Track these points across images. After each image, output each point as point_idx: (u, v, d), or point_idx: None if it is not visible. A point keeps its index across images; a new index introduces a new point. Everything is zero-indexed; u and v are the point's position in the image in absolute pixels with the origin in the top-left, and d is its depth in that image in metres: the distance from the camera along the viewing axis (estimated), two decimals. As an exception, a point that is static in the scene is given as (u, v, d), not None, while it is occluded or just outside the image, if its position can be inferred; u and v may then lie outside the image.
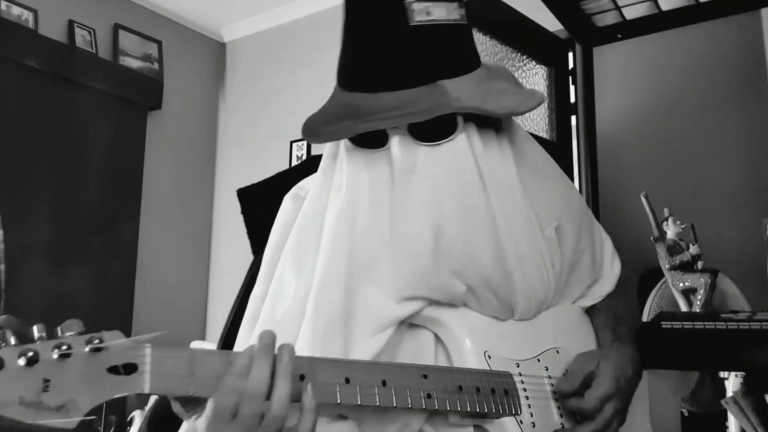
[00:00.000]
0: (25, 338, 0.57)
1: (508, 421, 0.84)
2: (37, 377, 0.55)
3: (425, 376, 0.78)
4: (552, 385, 0.91)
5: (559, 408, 0.90)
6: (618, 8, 2.11)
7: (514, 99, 0.87)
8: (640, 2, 2.09)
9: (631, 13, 2.14)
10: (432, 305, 0.87)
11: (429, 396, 0.77)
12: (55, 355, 0.57)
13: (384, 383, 0.75)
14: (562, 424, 0.89)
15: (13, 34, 3.02)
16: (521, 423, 0.85)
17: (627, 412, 0.92)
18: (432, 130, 0.84)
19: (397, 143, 0.84)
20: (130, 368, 0.61)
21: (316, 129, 0.87)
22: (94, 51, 3.34)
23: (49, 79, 3.13)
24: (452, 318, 0.88)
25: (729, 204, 2.30)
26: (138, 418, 2.86)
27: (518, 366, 0.89)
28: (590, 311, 1.04)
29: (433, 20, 0.83)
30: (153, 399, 2.88)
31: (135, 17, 3.60)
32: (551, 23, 2.25)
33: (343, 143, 0.88)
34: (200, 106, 3.94)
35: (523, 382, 0.88)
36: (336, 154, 0.92)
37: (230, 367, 0.66)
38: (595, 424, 0.87)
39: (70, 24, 3.29)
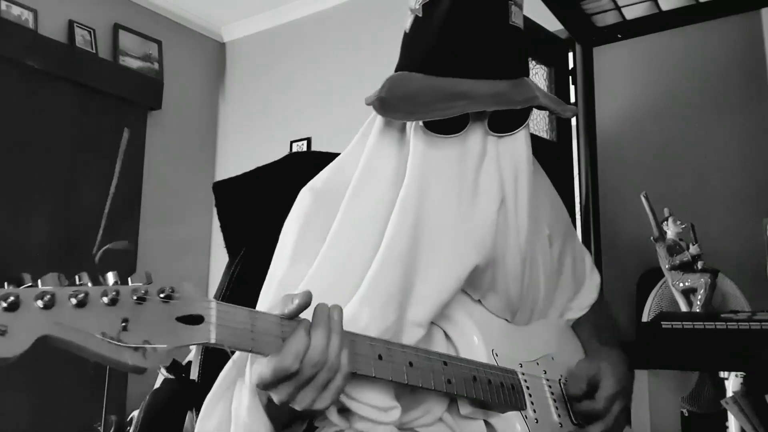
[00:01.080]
0: (99, 283, 0.60)
1: (514, 416, 0.89)
2: (117, 315, 0.58)
3: (445, 363, 0.84)
4: (550, 387, 0.96)
5: (557, 408, 0.95)
6: (618, 8, 2.11)
7: (562, 105, 0.96)
8: (640, 2, 2.09)
9: (631, 13, 2.14)
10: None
11: (449, 381, 0.83)
12: (133, 298, 0.60)
13: (411, 364, 0.80)
14: (560, 423, 0.94)
15: (13, 34, 3.02)
16: (526, 418, 0.90)
17: (630, 410, 0.98)
18: (506, 122, 0.90)
19: (474, 130, 0.90)
20: (198, 319, 0.64)
21: (416, 109, 0.88)
22: (94, 51, 3.34)
23: (49, 79, 3.13)
24: (463, 316, 0.92)
25: (729, 204, 2.30)
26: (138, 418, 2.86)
27: (521, 366, 0.94)
28: (575, 326, 1.10)
29: (517, 24, 0.92)
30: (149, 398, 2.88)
31: (135, 17, 3.60)
32: (551, 23, 2.25)
33: (413, 128, 0.91)
34: (200, 106, 3.94)
35: (526, 381, 0.92)
36: (389, 137, 0.94)
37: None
38: (606, 423, 0.92)
39: (70, 24, 3.30)
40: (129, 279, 0.61)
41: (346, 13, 3.54)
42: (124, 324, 0.58)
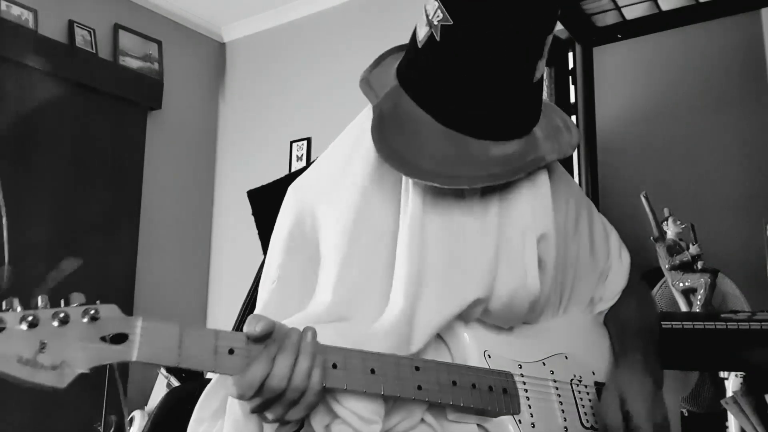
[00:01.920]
0: (29, 307, 0.65)
1: (507, 420, 0.85)
2: (35, 339, 0.62)
3: (417, 369, 0.81)
4: (557, 389, 0.92)
5: (563, 411, 0.91)
6: (618, 8, 2.12)
7: (567, 135, 0.93)
8: (640, 2, 2.09)
9: (631, 13, 2.14)
10: None
11: (419, 387, 0.80)
12: (54, 323, 0.63)
13: (373, 371, 0.78)
14: (565, 428, 0.90)
15: (13, 34, 3.02)
16: (520, 423, 0.86)
17: (667, 419, 0.92)
18: None
19: None
20: (122, 338, 0.67)
21: (420, 164, 0.85)
22: (94, 51, 3.34)
23: (49, 79, 3.12)
24: (457, 322, 0.90)
25: (729, 204, 2.30)
26: (138, 418, 2.86)
27: (521, 367, 0.90)
28: (606, 320, 1.05)
29: (539, 78, 0.87)
30: (154, 398, 2.88)
31: (135, 17, 3.60)
32: (551, 23, 2.25)
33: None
34: (200, 106, 3.94)
35: (525, 383, 0.89)
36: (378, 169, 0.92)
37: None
38: None
39: (70, 24, 3.29)
40: (62, 301, 0.66)
41: (345, 13, 3.54)
42: (41, 346, 0.62)
